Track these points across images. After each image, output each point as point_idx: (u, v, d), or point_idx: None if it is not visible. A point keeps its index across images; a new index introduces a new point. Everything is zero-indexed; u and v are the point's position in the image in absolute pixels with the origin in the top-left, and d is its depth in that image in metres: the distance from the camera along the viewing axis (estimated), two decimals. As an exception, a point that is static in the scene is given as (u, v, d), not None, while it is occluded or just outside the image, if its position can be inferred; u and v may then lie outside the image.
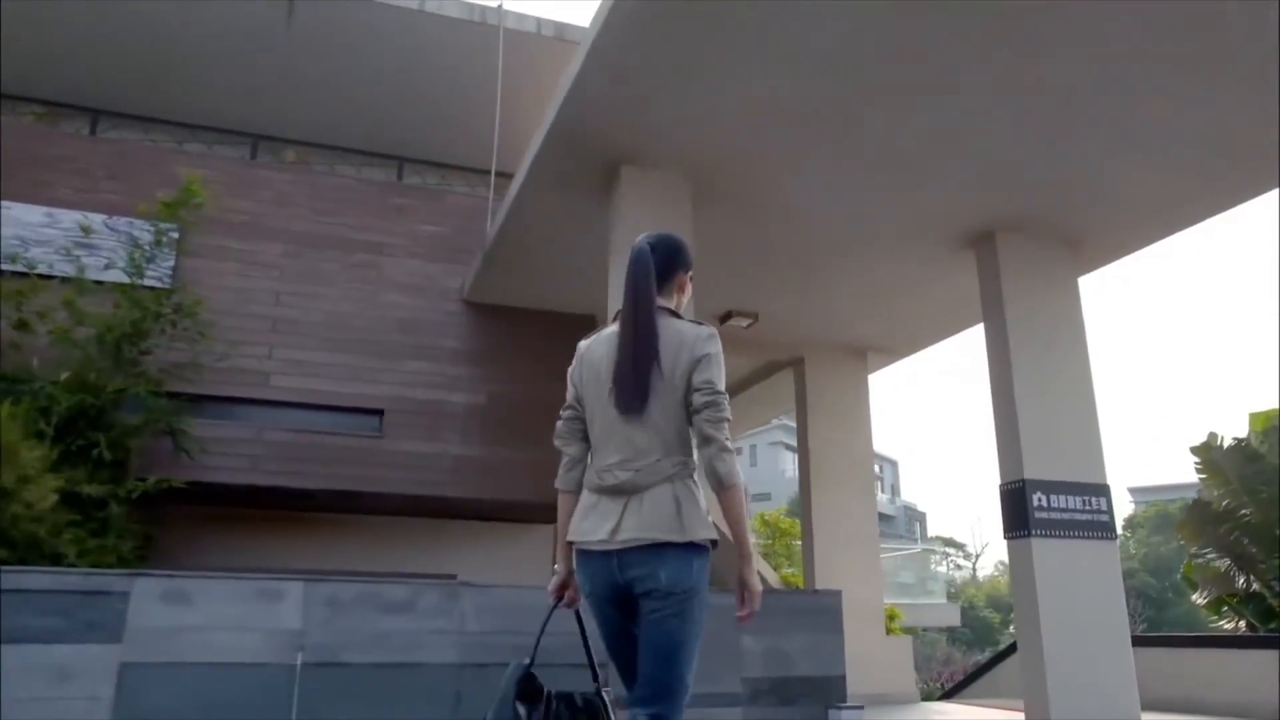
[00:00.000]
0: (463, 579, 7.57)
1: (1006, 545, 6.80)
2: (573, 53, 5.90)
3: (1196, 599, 12.33)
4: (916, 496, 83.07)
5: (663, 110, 5.78)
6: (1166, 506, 35.89)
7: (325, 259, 8.65)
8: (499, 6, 8.89)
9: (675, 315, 2.43)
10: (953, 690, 12.63)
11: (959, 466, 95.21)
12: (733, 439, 2.29)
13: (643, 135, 6.05)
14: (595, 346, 2.46)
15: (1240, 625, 11.30)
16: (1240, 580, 11.14)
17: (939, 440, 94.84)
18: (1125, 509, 43.09)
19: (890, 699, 9.35)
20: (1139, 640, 7.04)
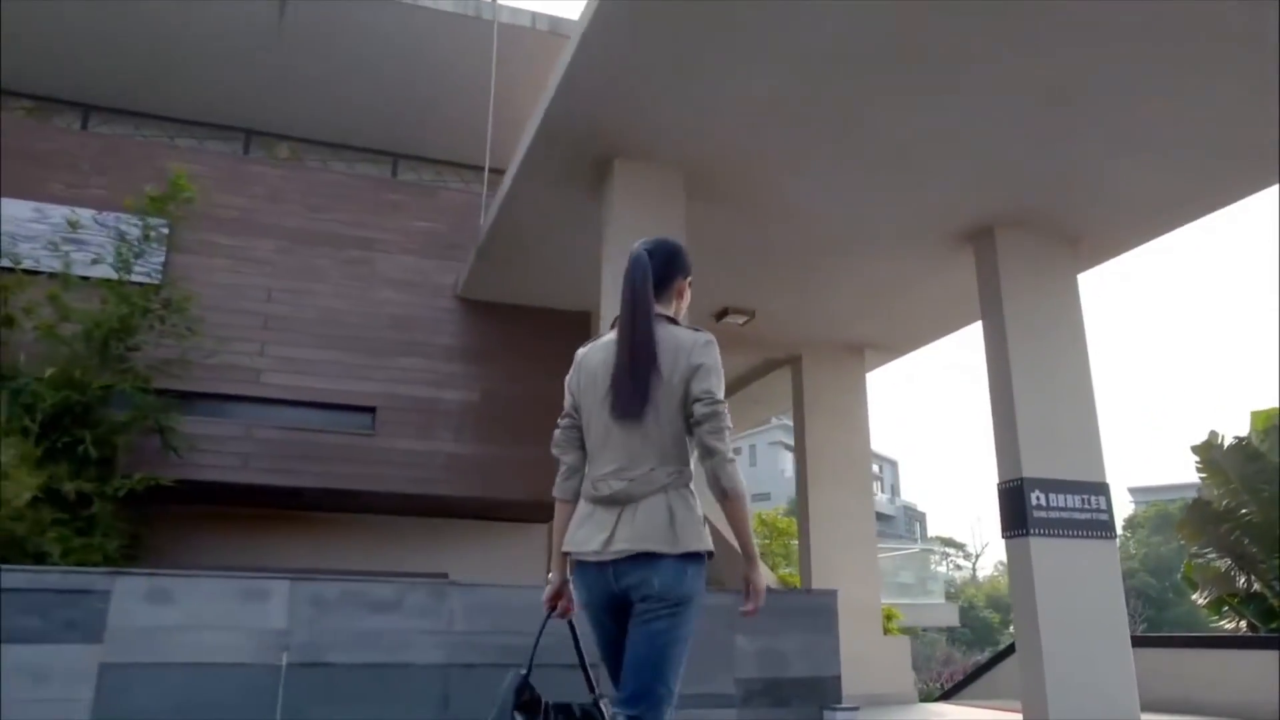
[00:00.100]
0: (456, 579, 7.50)
1: (1005, 544, 6.73)
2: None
3: (1197, 599, 12.26)
4: (916, 497, 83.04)
5: (655, 103, 5.69)
6: (1167, 506, 35.82)
7: (318, 255, 8.57)
8: (492, 1, 8.81)
9: (673, 322, 2.41)
10: (951, 691, 12.54)
11: (959, 466, 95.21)
12: (731, 427, 2.27)
13: (635, 129, 5.97)
14: (593, 354, 2.45)
15: (1241, 625, 11.22)
16: (1241, 580, 11.08)
17: (939, 440, 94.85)
18: (1125, 509, 43.07)
19: (888, 699, 9.28)
20: (1138, 640, 6.97)
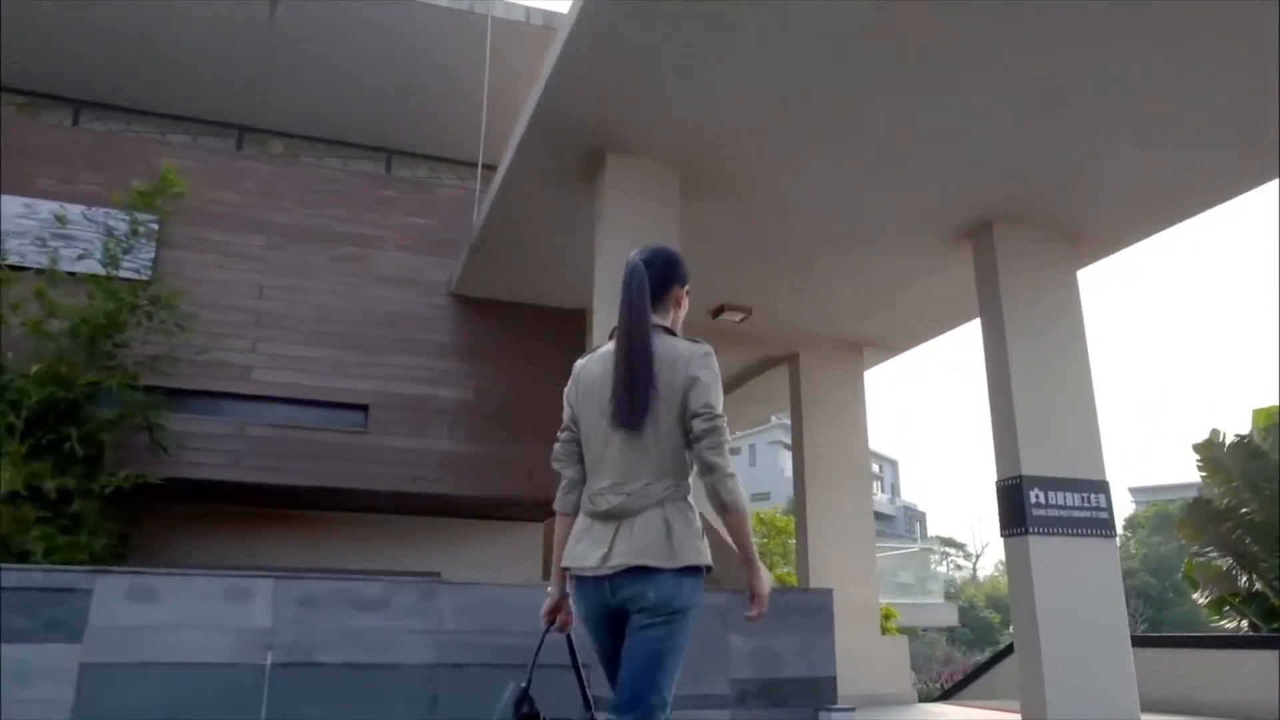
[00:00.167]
0: (448, 578, 7.42)
1: (1003, 543, 6.65)
2: (561, 42, 5.75)
3: (1198, 598, 12.19)
4: (916, 496, 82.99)
5: (648, 96, 5.61)
6: (1167, 506, 35.73)
7: (310, 251, 8.48)
8: (487, -6, 8.74)
9: (670, 333, 2.40)
10: (950, 691, 12.46)
11: (959, 466, 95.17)
12: (731, 439, 2.27)
13: (628, 122, 5.88)
14: (590, 366, 2.44)
15: (1242, 625, 11.14)
16: (1242, 579, 11.00)
17: (939, 440, 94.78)
18: (1126, 509, 43.01)
19: (886, 700, 9.21)
20: (1138, 640, 6.89)
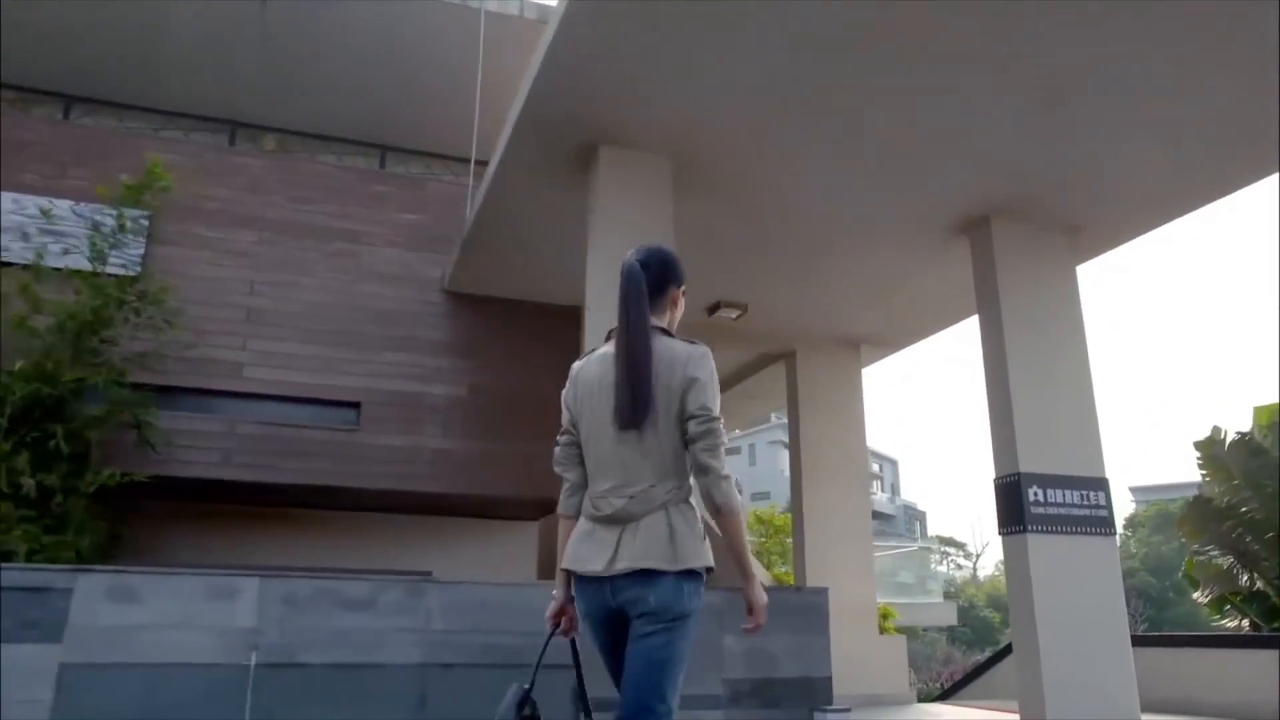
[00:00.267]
0: (436, 576, 7.33)
1: (1001, 541, 6.56)
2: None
3: (1198, 597, 12.09)
4: (917, 496, 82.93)
5: (641, 87, 5.52)
6: (1168, 506, 35.63)
7: (302, 248, 8.40)
8: (480, -12, 8.67)
9: (667, 334, 2.41)
10: (949, 691, 12.38)
11: (960, 466, 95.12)
12: (730, 439, 2.19)
13: (620, 113, 5.80)
14: (588, 368, 2.44)
15: (1243, 624, 11.06)
16: (1243, 578, 10.91)
17: (940, 439, 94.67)
18: (1126, 508, 42.92)
19: (884, 700, 9.12)
20: (1138, 640, 6.81)
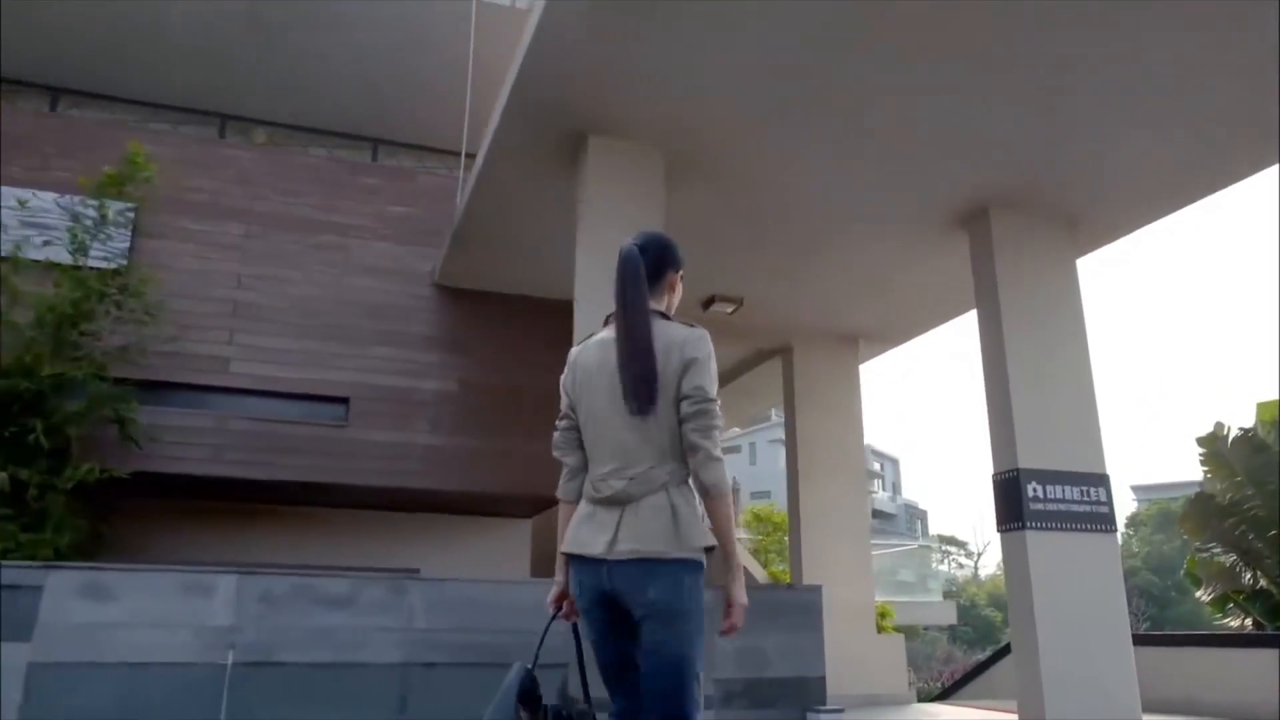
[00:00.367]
0: (427, 574, 7.22)
1: (1000, 538, 6.44)
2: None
3: (1201, 595, 11.97)
4: (918, 495, 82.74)
5: (630, 74, 5.39)
6: (1169, 504, 35.49)
7: (289, 240, 8.26)
8: (471, -22, 8.54)
9: (665, 317, 2.40)
10: (949, 690, 12.26)
11: (961, 464, 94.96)
12: (730, 438, 2.07)
13: (610, 102, 5.66)
14: (587, 352, 2.44)
15: (1246, 623, 10.93)
16: (1246, 576, 10.78)
17: (941, 437, 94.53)
18: (1128, 507, 42.81)
19: (882, 700, 9.00)
20: (1138, 639, 6.69)
